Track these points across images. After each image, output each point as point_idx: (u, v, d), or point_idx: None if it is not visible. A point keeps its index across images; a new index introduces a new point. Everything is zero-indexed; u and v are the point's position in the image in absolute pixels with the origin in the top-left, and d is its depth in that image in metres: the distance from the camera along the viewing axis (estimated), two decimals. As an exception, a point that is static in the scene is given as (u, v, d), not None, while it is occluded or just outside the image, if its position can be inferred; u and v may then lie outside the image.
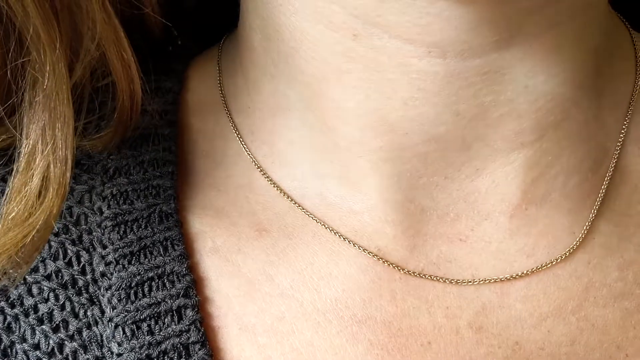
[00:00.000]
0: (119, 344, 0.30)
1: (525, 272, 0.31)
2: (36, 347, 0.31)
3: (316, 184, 0.33)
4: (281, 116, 0.33)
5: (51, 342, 0.31)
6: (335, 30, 0.28)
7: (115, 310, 0.31)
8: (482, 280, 0.31)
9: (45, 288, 0.32)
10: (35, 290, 0.32)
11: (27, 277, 0.32)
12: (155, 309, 0.31)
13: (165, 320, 0.31)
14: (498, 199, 0.32)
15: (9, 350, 0.31)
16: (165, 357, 0.30)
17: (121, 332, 0.30)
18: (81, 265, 0.32)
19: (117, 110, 0.33)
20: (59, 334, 0.31)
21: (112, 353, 0.30)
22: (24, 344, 0.31)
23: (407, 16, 0.27)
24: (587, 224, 0.32)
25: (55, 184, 0.30)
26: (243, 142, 0.35)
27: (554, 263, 0.32)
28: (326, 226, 0.32)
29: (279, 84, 0.32)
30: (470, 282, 0.31)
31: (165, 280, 0.32)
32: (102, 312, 0.31)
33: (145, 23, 0.36)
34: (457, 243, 0.32)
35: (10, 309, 0.31)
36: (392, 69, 0.28)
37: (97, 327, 0.31)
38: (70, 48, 0.30)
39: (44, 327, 0.31)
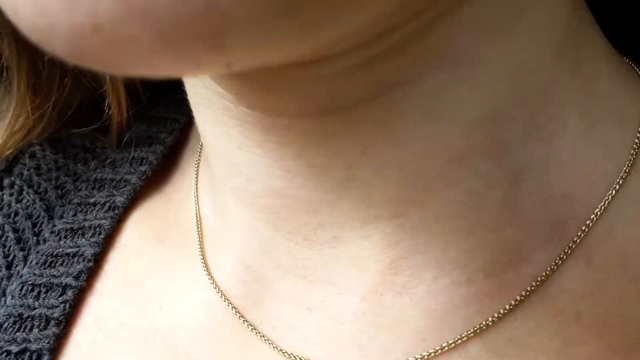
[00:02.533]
0: (12, 297, 0.34)
1: None
2: None
3: (211, 207, 0.33)
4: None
5: None
6: None
7: (27, 270, 0.35)
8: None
9: (7, 228, 0.37)
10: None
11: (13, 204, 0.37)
12: (51, 280, 0.34)
13: (52, 293, 0.34)
14: (355, 275, 0.27)
15: None
16: (31, 321, 0.33)
17: (18, 289, 0.34)
18: (40, 226, 0.37)
19: (111, 115, 0.38)
20: None
21: (4, 302, 0.34)
22: None
23: None
24: (455, 337, 0.26)
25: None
26: (198, 158, 0.36)
27: None
28: (200, 251, 0.32)
29: None
30: (297, 357, 0.27)
31: (74, 260, 0.35)
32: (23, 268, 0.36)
33: None
34: (304, 311, 0.28)
35: None
36: (222, 111, 0.26)
37: (11, 280, 0.35)
38: None
39: None
